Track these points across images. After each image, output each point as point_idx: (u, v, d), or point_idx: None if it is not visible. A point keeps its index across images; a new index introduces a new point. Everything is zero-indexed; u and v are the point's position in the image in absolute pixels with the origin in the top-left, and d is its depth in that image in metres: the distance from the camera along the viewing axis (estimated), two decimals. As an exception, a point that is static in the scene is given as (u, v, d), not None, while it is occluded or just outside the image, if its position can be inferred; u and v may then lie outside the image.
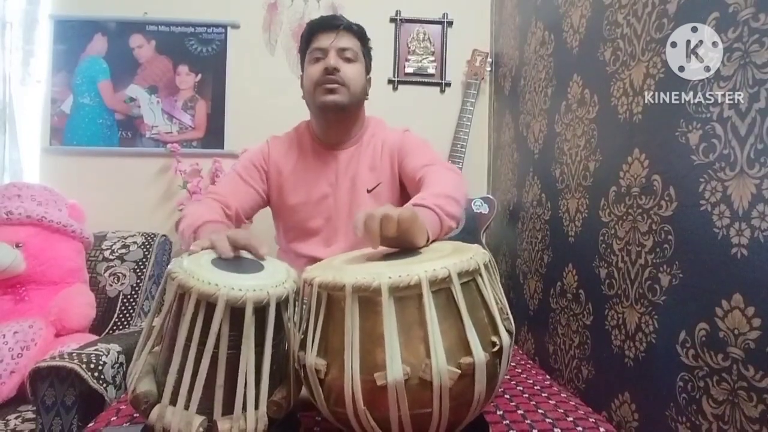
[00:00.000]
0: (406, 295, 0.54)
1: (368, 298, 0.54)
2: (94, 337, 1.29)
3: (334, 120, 1.05)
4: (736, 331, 0.69)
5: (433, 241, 0.76)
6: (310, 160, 1.09)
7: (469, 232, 1.59)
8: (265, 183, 1.10)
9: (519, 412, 0.85)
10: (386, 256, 0.66)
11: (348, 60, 1.02)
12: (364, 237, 0.63)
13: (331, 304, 0.59)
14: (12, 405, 1.12)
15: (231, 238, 0.67)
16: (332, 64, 0.99)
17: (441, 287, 0.55)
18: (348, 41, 1.03)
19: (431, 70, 1.87)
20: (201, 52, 1.78)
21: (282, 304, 0.61)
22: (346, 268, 0.62)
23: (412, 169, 1.01)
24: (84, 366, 0.99)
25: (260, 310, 0.57)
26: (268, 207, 1.16)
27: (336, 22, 1.02)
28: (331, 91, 1.00)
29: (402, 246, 0.67)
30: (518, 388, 0.99)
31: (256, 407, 0.56)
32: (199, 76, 1.78)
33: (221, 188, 1.05)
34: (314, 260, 0.73)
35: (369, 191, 1.06)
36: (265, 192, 1.10)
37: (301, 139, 1.12)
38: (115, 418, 0.80)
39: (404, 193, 1.09)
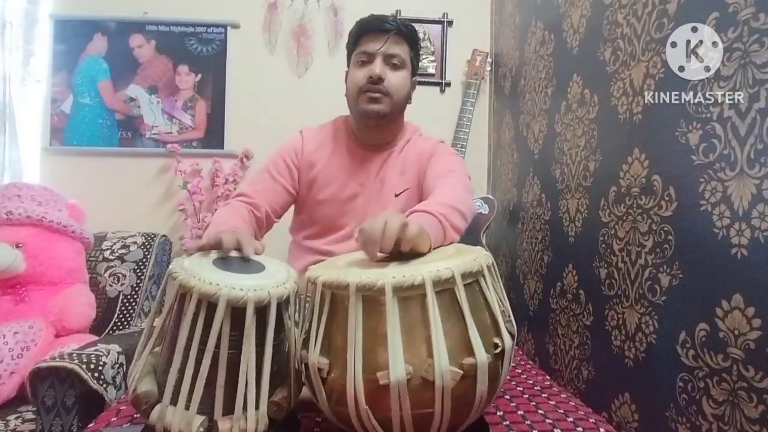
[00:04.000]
0: (410, 295, 0.54)
1: (372, 298, 0.54)
2: (94, 338, 1.29)
3: (374, 126, 1.04)
4: (736, 332, 0.69)
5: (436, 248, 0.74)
6: (344, 158, 1.07)
7: (468, 233, 1.58)
8: (296, 180, 1.08)
9: (519, 412, 0.85)
10: (390, 257, 0.66)
11: (395, 67, 0.99)
12: (364, 249, 0.63)
13: (335, 303, 0.59)
14: (12, 405, 1.11)
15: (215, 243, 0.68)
16: (377, 73, 0.96)
17: (444, 288, 0.55)
18: (397, 48, 0.99)
19: (431, 70, 1.86)
20: (201, 52, 1.78)
21: (283, 305, 0.61)
22: (350, 267, 0.62)
23: (429, 178, 1.00)
24: (84, 366, 0.99)
25: (261, 310, 0.57)
26: None
27: (386, 27, 0.98)
28: (374, 101, 0.98)
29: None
30: (518, 388, 0.99)
31: (257, 407, 0.56)
32: (199, 76, 1.78)
33: (251, 189, 1.03)
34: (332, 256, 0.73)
35: (396, 195, 1.05)
36: (294, 189, 1.08)
37: (337, 134, 1.10)
38: (115, 418, 0.80)
39: None
